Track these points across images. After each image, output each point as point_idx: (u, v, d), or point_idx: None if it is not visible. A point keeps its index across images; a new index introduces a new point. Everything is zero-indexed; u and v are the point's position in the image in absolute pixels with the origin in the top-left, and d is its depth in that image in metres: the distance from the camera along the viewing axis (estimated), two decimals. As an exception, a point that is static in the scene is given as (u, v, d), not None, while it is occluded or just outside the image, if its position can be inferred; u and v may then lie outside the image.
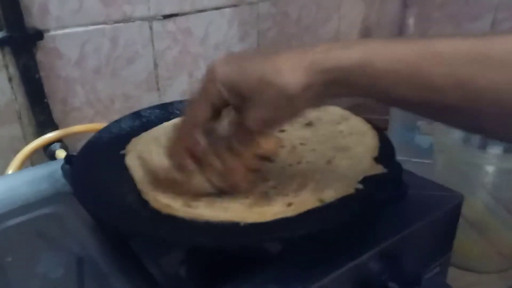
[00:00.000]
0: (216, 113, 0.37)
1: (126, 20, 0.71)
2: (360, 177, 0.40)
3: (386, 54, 0.31)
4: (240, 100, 0.34)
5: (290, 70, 0.32)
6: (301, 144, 0.47)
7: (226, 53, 0.37)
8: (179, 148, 0.37)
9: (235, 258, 0.37)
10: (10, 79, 0.63)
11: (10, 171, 0.59)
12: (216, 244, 0.33)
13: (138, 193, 0.40)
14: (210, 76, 0.35)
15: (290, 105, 0.33)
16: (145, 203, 0.39)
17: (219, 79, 0.34)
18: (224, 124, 0.38)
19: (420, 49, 0.30)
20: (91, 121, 0.71)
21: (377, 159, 0.45)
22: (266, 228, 0.34)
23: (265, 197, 0.38)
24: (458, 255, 0.56)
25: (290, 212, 0.36)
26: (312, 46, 0.33)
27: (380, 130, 0.49)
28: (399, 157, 0.45)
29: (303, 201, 0.37)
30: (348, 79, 0.32)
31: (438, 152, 0.61)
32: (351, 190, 0.39)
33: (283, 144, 0.46)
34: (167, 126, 0.52)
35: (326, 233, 0.39)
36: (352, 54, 0.32)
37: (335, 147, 0.46)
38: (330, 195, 0.38)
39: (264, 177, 0.41)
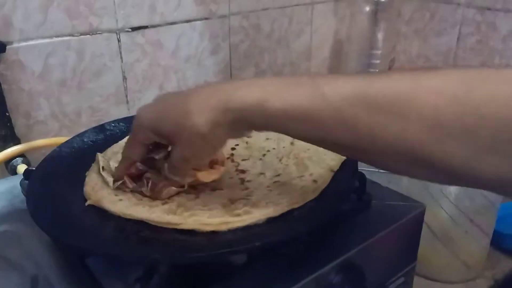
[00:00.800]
0: (154, 147, 0.42)
1: (93, 32, 0.70)
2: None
3: (280, 96, 0.33)
4: (167, 140, 0.39)
5: (198, 111, 0.35)
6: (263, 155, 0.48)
7: (153, 99, 0.41)
8: (120, 174, 0.43)
9: (196, 272, 0.37)
10: (-30, 92, 0.61)
11: (-32, 186, 0.57)
12: (172, 260, 0.32)
13: (95, 210, 0.40)
14: (138, 122, 0.39)
15: (204, 142, 0.36)
16: (103, 220, 0.38)
17: (145, 125, 0.39)
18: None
19: (312, 91, 0.32)
20: (56, 135, 0.70)
21: (341, 170, 0.45)
22: (222, 240, 0.34)
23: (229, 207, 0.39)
24: (423, 265, 0.57)
25: (239, 223, 0.36)
26: (223, 84, 0.36)
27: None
28: (364, 168, 0.45)
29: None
30: (247, 118, 0.34)
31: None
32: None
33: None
34: None
35: (289, 244, 0.39)
36: (252, 94, 0.34)
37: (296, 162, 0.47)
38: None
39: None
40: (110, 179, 0.43)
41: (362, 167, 0.44)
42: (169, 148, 0.41)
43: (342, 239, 0.42)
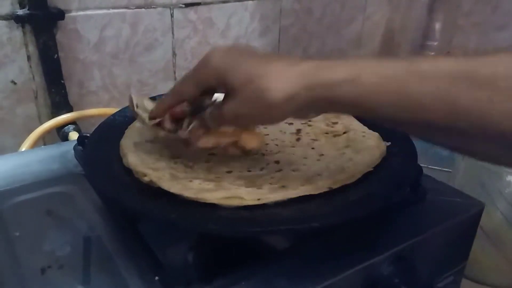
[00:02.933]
0: (205, 93, 0.38)
1: (148, 5, 0.70)
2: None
3: (374, 70, 0.31)
4: (225, 89, 0.36)
5: (278, 78, 0.33)
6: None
7: (231, 44, 0.38)
8: (161, 111, 0.40)
9: (243, 249, 0.36)
10: (29, 58, 0.62)
11: (23, 149, 0.59)
12: (228, 231, 0.32)
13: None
14: (207, 60, 0.37)
15: (267, 110, 0.34)
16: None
17: (213, 66, 0.36)
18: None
19: (407, 67, 0.31)
20: (105, 106, 0.71)
21: (397, 162, 0.43)
22: (280, 219, 0.33)
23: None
24: (472, 266, 0.54)
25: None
26: (305, 60, 0.34)
27: (405, 134, 0.48)
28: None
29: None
30: (334, 95, 0.32)
31: (459, 159, 0.60)
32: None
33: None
34: None
35: (341, 229, 0.38)
36: (341, 70, 0.32)
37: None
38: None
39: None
40: (145, 115, 0.41)
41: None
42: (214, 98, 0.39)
43: (395, 231, 0.40)
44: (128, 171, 0.40)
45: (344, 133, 0.49)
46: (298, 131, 0.49)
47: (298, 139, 0.47)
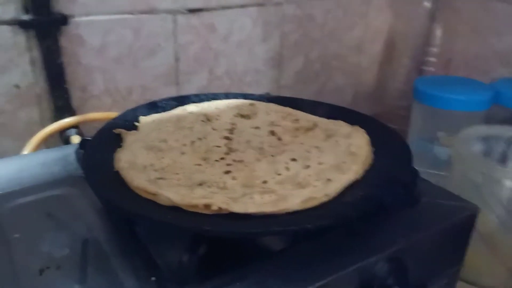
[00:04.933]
0: None
1: (151, 11, 0.71)
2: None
3: None
4: None
5: None
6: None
7: None
8: None
9: (239, 250, 0.37)
10: (32, 62, 0.63)
11: (25, 152, 0.60)
12: (224, 232, 0.33)
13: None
14: None
15: None
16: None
17: None
18: None
19: None
20: (108, 110, 0.72)
21: (391, 163, 0.44)
22: (275, 220, 0.34)
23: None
24: (466, 269, 0.54)
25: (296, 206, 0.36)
26: None
27: (400, 137, 0.48)
28: (415, 167, 0.44)
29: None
30: None
31: (456, 163, 0.60)
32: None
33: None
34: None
35: (336, 230, 0.39)
36: None
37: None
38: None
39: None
40: None
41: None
42: None
43: (389, 233, 0.41)
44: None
45: (314, 126, 0.51)
46: (272, 132, 0.50)
47: (279, 139, 0.49)
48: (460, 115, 0.72)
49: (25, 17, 0.60)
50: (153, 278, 0.34)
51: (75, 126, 0.65)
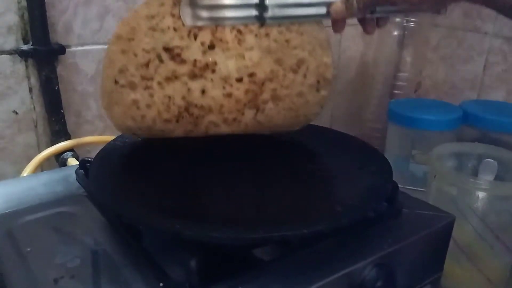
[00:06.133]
0: None
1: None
2: None
3: None
4: None
5: None
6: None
7: None
8: None
9: (242, 256, 0.40)
10: (30, 90, 0.66)
11: (25, 175, 0.62)
12: (229, 239, 0.36)
13: (154, 192, 0.44)
14: None
15: None
16: (161, 198, 0.42)
17: None
18: None
19: None
20: (101, 134, 0.75)
21: (374, 178, 0.48)
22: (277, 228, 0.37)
23: None
24: (447, 277, 0.58)
25: None
26: None
27: (381, 155, 0.53)
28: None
29: None
30: None
31: (431, 178, 0.65)
32: None
33: None
34: None
35: (327, 238, 0.43)
36: None
37: None
38: None
39: None
40: None
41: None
42: None
43: (375, 240, 0.44)
44: (133, 189, 0.44)
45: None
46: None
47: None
48: (432, 134, 0.77)
49: (25, 47, 0.63)
50: (161, 285, 0.36)
51: (71, 150, 0.68)
